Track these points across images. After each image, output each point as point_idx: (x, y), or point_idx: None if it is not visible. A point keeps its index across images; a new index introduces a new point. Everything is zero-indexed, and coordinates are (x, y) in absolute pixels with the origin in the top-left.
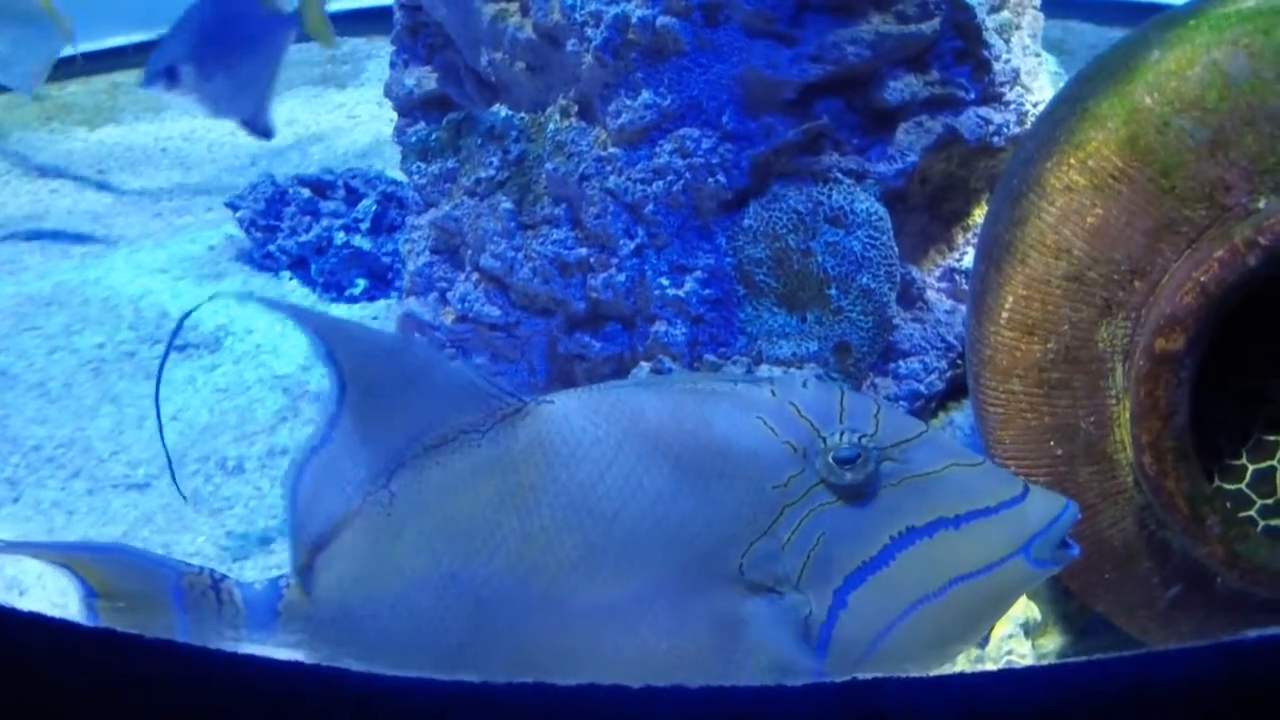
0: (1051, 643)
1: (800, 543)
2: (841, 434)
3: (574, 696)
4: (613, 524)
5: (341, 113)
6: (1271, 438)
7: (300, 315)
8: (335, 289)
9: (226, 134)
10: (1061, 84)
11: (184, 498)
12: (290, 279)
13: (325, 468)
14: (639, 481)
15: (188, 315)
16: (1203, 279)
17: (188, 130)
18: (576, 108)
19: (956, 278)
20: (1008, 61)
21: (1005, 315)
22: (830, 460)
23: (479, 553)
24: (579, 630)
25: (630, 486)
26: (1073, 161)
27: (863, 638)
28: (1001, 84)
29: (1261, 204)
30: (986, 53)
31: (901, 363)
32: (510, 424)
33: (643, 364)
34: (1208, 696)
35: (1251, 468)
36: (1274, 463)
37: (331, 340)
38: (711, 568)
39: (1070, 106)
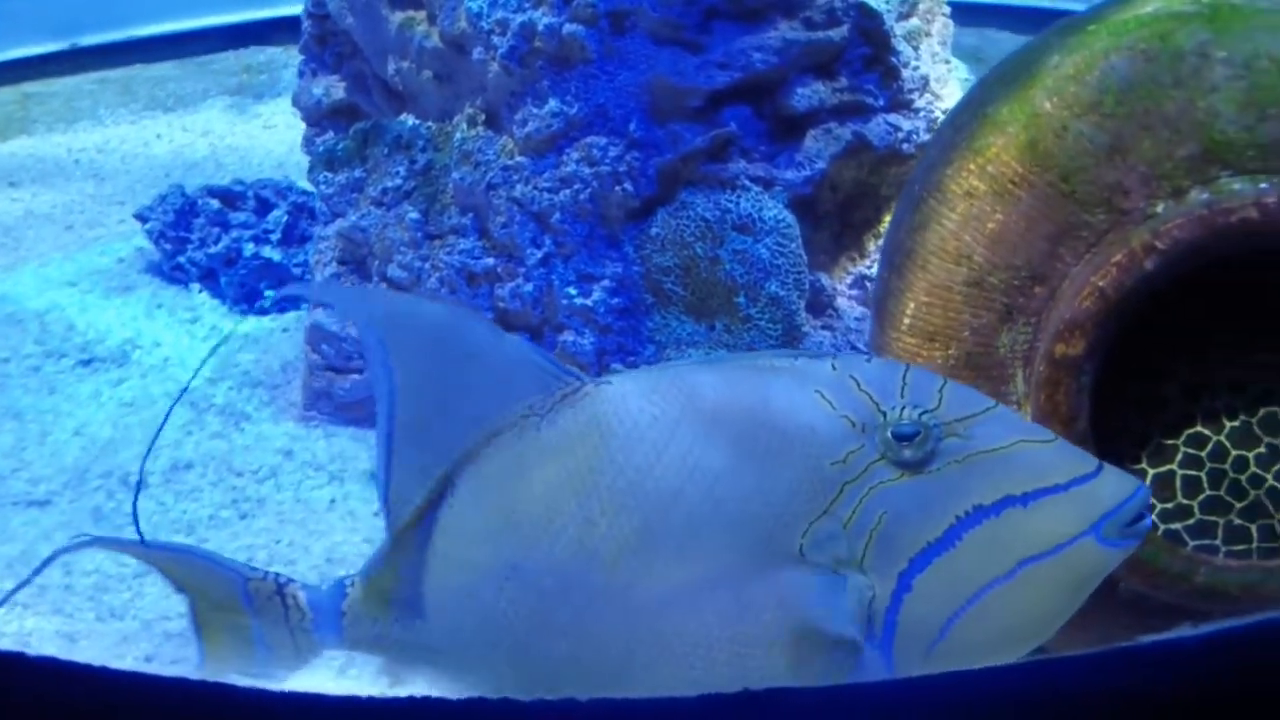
0: None
1: (861, 522)
2: (903, 409)
3: (463, 713)
4: (671, 506)
5: (258, 123)
6: (1170, 442)
7: (352, 302)
8: (245, 300)
9: (141, 145)
10: None
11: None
12: (200, 291)
13: (402, 461)
14: (696, 461)
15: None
16: (1101, 284)
17: (101, 141)
18: (483, 116)
19: (867, 285)
20: (917, 68)
21: (907, 322)
22: (889, 436)
23: (540, 541)
24: (642, 619)
25: (688, 467)
26: (973, 167)
27: (931, 624)
28: (910, 91)
29: (1159, 208)
30: (895, 60)
31: None
32: (568, 406)
33: None
34: (1109, 703)
35: (1151, 472)
36: (1173, 467)
37: (384, 330)
38: (772, 550)
39: (972, 112)
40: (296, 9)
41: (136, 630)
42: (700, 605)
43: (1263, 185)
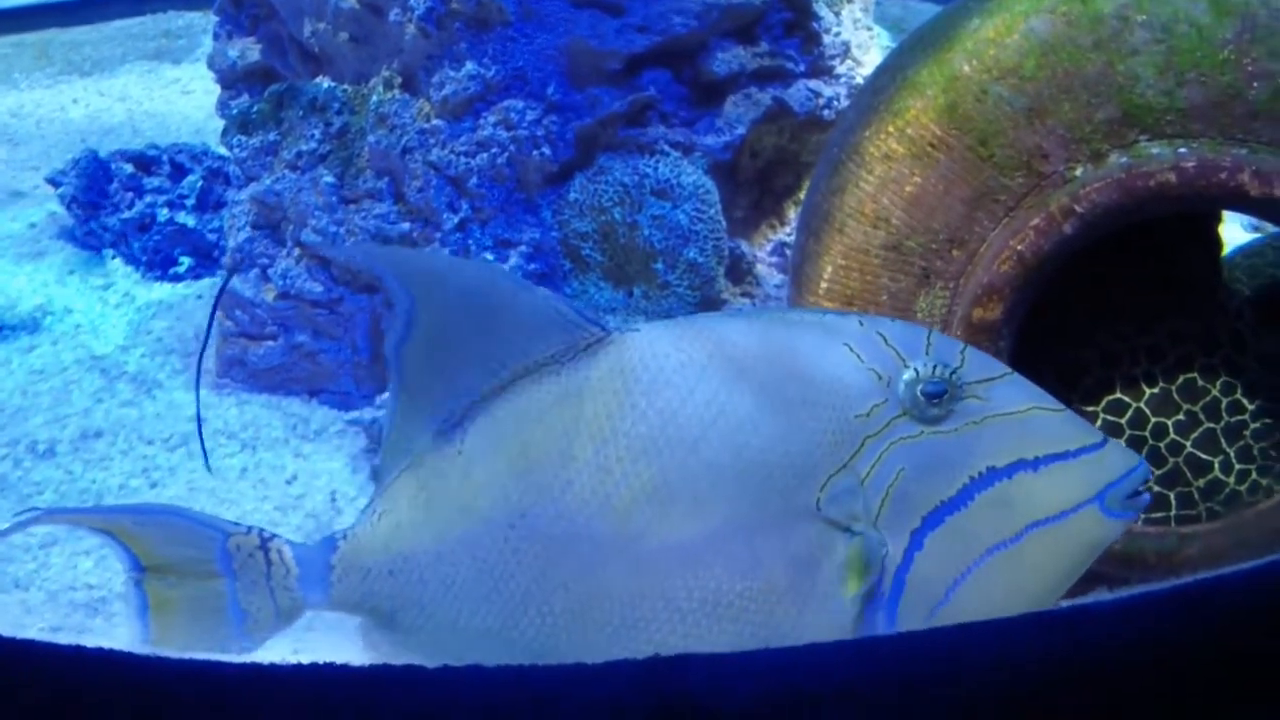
0: None
1: (879, 478)
2: (933, 367)
3: (368, 680)
4: (691, 453)
5: (176, 88)
6: (1090, 408)
7: (372, 255)
8: (159, 266)
9: (56, 109)
10: None
11: (208, 468)
12: (113, 257)
13: (405, 410)
14: (721, 408)
15: None
16: (1019, 248)
17: (16, 106)
18: (400, 79)
19: (787, 252)
20: (838, 34)
21: (824, 285)
22: (917, 393)
23: (551, 487)
24: (650, 571)
25: (712, 413)
26: (891, 130)
27: (937, 585)
28: (831, 57)
29: (1078, 172)
30: (816, 25)
31: None
32: (592, 353)
33: None
34: (1019, 667)
35: None
36: None
37: (409, 279)
38: (789, 502)
39: (891, 75)
40: None
41: (42, 601)
42: (710, 559)
43: (1181, 150)
